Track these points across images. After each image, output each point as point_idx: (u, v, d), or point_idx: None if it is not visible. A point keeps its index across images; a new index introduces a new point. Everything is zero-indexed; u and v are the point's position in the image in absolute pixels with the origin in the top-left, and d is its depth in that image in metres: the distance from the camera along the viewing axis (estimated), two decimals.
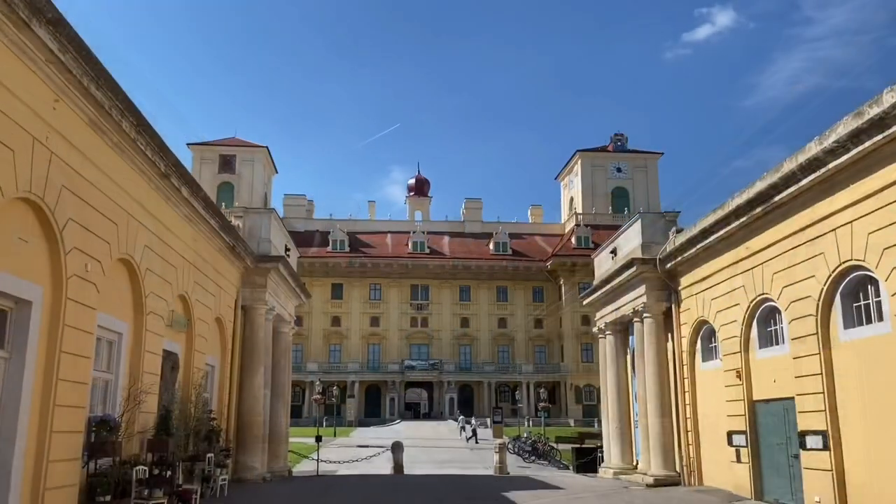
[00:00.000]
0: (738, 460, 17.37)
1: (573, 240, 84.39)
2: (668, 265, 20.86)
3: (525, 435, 42.41)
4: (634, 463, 24.40)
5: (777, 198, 14.82)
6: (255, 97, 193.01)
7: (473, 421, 52.67)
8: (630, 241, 23.45)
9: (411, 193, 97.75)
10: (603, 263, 27.04)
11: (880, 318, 12.48)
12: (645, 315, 21.94)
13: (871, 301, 12.80)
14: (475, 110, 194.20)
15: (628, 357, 25.43)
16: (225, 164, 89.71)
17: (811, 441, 13.96)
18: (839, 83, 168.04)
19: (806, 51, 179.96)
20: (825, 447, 13.48)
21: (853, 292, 13.30)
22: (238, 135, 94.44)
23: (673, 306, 21.28)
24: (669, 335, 21.53)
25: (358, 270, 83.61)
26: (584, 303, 28.55)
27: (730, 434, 17.72)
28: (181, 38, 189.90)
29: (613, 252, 25.26)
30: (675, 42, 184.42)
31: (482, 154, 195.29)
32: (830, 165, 12.89)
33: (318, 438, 28.72)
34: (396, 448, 27.32)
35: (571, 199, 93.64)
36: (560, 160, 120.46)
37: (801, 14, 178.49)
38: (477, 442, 47.11)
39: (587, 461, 28.58)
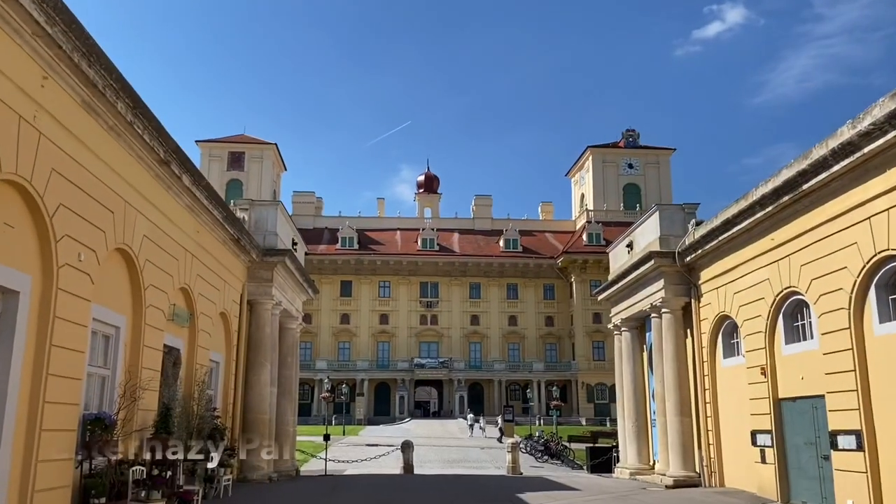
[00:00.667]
0: (763, 461, 16.67)
1: (584, 237, 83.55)
2: (688, 258, 20.16)
3: (537, 434, 41.72)
4: (651, 463, 23.72)
5: (806, 186, 14.12)
6: (264, 95, 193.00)
7: (500, 419, 51.47)
8: (647, 234, 22.74)
9: (420, 190, 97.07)
10: (619, 257, 26.32)
11: None
12: (663, 310, 21.24)
13: None
14: (485, 107, 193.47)
15: (645, 354, 24.73)
16: (234, 161, 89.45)
17: (843, 441, 13.26)
18: (850, 80, 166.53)
19: (816, 48, 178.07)
20: (859, 447, 12.78)
21: (889, 284, 12.58)
22: (247, 132, 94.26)
23: (692, 301, 20.58)
24: (689, 331, 20.82)
25: (367, 268, 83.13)
26: (599, 298, 27.83)
27: (753, 433, 17.02)
28: (188, 37, 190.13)
29: (630, 246, 24.54)
30: (686, 39, 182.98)
31: (492, 151, 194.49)
32: (865, 150, 12.20)
33: (327, 437, 28.17)
34: (406, 447, 26.76)
35: (582, 196, 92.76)
36: (571, 157, 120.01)
37: (812, 11, 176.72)
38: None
39: (602, 461, 27.89)
